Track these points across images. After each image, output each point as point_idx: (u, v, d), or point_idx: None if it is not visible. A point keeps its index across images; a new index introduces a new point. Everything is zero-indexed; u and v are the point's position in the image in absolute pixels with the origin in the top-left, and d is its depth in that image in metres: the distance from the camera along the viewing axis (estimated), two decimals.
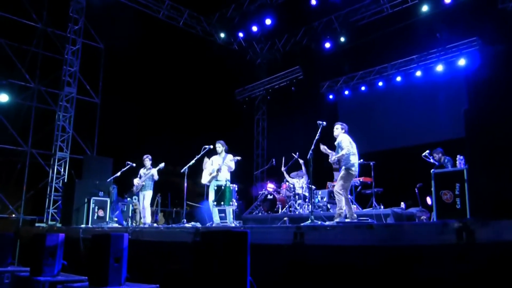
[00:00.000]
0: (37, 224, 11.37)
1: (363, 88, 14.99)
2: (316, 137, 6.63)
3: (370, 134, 13.89)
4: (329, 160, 7.05)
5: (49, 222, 11.43)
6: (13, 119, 11.86)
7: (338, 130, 6.95)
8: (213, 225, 7.53)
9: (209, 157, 8.38)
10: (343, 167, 6.56)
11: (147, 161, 9.14)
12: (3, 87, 12.04)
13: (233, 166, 8.15)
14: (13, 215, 11.68)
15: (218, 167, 7.97)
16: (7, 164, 13.10)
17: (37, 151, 11.99)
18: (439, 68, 12.97)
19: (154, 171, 9.02)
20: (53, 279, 5.18)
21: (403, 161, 11.72)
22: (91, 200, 9.82)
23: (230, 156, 8.12)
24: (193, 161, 7.94)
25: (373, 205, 8.98)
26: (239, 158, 8.08)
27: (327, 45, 14.23)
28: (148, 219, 8.94)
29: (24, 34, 12.52)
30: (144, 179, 9.04)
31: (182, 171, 7.85)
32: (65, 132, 12.21)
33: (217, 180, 7.91)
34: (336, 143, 6.86)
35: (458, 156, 6.60)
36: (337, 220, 6.11)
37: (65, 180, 11.85)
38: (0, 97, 11.83)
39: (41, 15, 12.34)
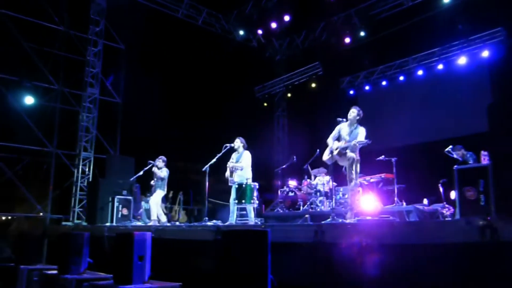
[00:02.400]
0: (63, 223, 11.62)
1: (383, 83, 14.78)
2: (338, 128, 6.58)
3: (392, 129, 13.72)
4: (344, 146, 6.53)
5: (75, 221, 11.68)
6: (38, 120, 12.11)
7: (354, 114, 6.70)
8: (232, 223, 7.56)
9: (231, 154, 8.41)
10: (356, 158, 6.39)
11: (159, 162, 9.27)
12: (28, 90, 12.34)
13: (244, 166, 8.04)
14: (41, 214, 11.96)
15: (230, 170, 7.96)
16: (34, 165, 13.43)
17: (62, 151, 12.24)
18: (462, 60, 12.68)
19: (155, 170, 9.19)
20: (80, 277, 5.30)
21: (425, 156, 11.55)
22: (115, 199, 9.99)
23: (246, 154, 8.08)
24: (214, 160, 7.99)
25: (395, 201, 8.90)
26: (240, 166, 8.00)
27: (347, 40, 14.09)
28: (153, 217, 9.04)
29: (47, 37, 12.78)
30: (154, 179, 9.27)
31: (203, 169, 7.92)
32: (89, 133, 12.45)
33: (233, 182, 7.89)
34: (352, 129, 6.63)
35: (482, 151, 6.48)
36: (358, 218, 6.08)
37: (90, 180, 12.08)
38: (26, 100, 12.12)
39: (62, 17, 12.57)
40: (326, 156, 6.75)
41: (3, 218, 14.07)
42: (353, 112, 6.71)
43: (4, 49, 12.27)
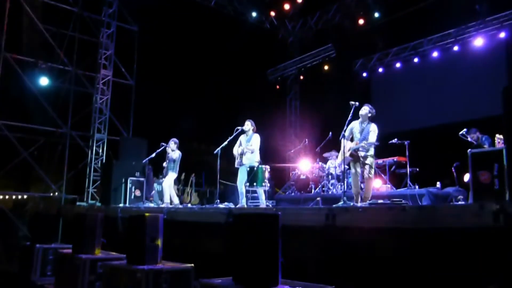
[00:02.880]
0: (78, 203, 11.82)
1: (397, 65, 14.57)
2: (349, 118, 6.53)
3: (405, 112, 13.60)
4: (355, 148, 6.53)
5: (89, 201, 11.87)
6: (53, 102, 12.22)
7: (366, 111, 6.64)
8: (244, 206, 7.60)
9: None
10: (370, 154, 6.47)
11: (172, 144, 9.31)
12: (43, 71, 12.44)
13: (255, 148, 7.99)
14: (56, 194, 12.16)
15: (241, 151, 7.95)
16: (49, 146, 13.62)
17: (76, 132, 12.36)
18: (478, 42, 12.40)
19: (168, 151, 9.23)
20: (94, 257, 5.40)
21: (439, 139, 11.42)
22: (128, 180, 10.11)
23: (256, 137, 8.05)
24: (225, 143, 7.99)
25: (408, 185, 8.86)
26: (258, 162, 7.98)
27: (361, 21, 13.89)
28: (166, 199, 9.09)
29: (61, 18, 12.82)
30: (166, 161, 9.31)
31: (215, 152, 7.94)
32: (102, 114, 12.55)
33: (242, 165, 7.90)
34: (364, 127, 6.59)
35: (496, 135, 6.38)
36: (369, 201, 6.08)
37: (103, 161, 12.23)
38: (41, 81, 12.24)
39: None
40: (340, 159, 6.74)
41: (19, 197, 14.37)
42: (365, 110, 6.63)
43: (20, 31, 12.37)
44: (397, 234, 4.02)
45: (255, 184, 7.49)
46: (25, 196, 14.04)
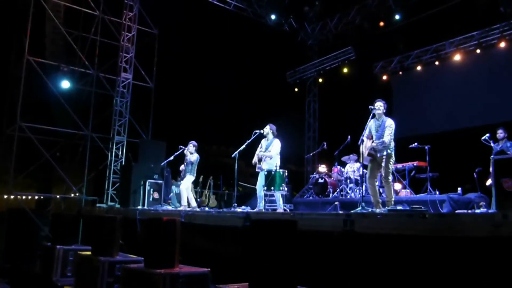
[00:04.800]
0: (98, 205, 11.97)
1: (418, 68, 14.33)
2: (368, 123, 6.44)
3: (426, 116, 13.39)
4: (374, 146, 6.30)
5: (109, 203, 12.01)
6: (74, 104, 12.44)
7: (382, 109, 6.46)
8: (261, 210, 7.57)
9: (260, 140, 8.37)
10: (386, 153, 6.24)
11: (191, 147, 9.30)
12: (65, 74, 12.67)
13: (273, 155, 7.93)
14: (77, 194, 12.34)
15: (259, 157, 7.92)
16: (70, 148, 13.88)
17: (97, 135, 12.51)
18: (502, 45, 12.11)
19: (187, 153, 9.22)
20: (113, 259, 5.44)
21: (460, 143, 11.21)
22: (147, 183, 10.19)
23: (276, 142, 8.01)
24: (243, 146, 7.98)
25: (428, 190, 8.72)
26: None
27: (381, 23, 13.73)
28: (183, 202, 9.05)
29: (83, 22, 13.05)
30: (184, 164, 9.33)
31: (233, 156, 7.94)
32: (122, 117, 12.69)
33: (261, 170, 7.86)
34: (379, 123, 6.40)
35: None
36: (389, 207, 5.99)
37: (123, 163, 12.36)
38: (63, 84, 12.47)
39: (98, 3, 12.76)
40: (362, 158, 6.60)
41: (42, 198, 14.64)
42: (381, 106, 6.47)
43: (43, 35, 12.63)
44: (417, 242, 3.95)
45: (272, 188, 7.46)
46: (46, 197, 14.28)
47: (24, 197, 13.91)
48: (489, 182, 7.51)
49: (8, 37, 13.11)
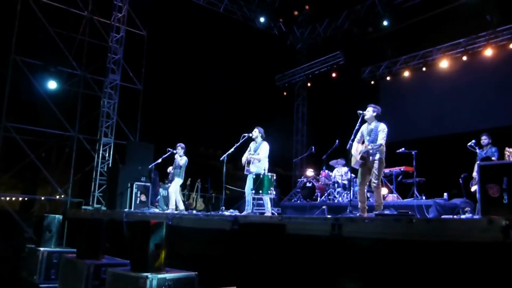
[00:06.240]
0: (83, 207, 11.83)
1: (406, 73, 14.49)
2: (356, 127, 6.46)
3: (413, 121, 13.52)
4: (368, 150, 6.29)
5: (95, 205, 11.88)
6: (61, 105, 12.29)
7: (370, 113, 6.44)
8: (250, 214, 7.55)
9: (249, 143, 8.35)
10: (378, 158, 6.20)
11: (179, 149, 9.28)
12: (52, 74, 12.52)
13: (261, 158, 7.91)
14: (62, 196, 12.18)
15: (247, 159, 7.91)
16: (56, 149, 13.72)
17: (84, 136, 12.40)
18: (488, 52, 12.32)
19: (177, 157, 9.19)
20: (98, 262, 5.38)
21: (446, 149, 11.34)
22: (134, 185, 10.10)
23: (265, 145, 8.01)
24: (232, 149, 7.96)
25: (415, 195, 8.78)
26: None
27: (370, 29, 13.85)
28: (172, 205, 9.01)
29: (71, 22, 12.92)
30: (173, 167, 9.28)
31: (221, 159, 7.91)
32: (109, 118, 12.58)
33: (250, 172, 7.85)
34: (372, 127, 6.39)
35: (506, 148, 6.31)
36: (377, 212, 6.01)
37: (110, 165, 12.25)
38: (49, 84, 12.32)
39: (86, 3, 12.66)
40: (353, 162, 6.59)
41: (26, 199, 14.44)
42: (369, 112, 6.48)
43: (30, 34, 12.47)
44: (404, 247, 3.96)
45: (260, 192, 7.45)
46: (31, 198, 14.09)
47: (8, 198, 13.71)
48: (474, 188, 7.59)
49: None
